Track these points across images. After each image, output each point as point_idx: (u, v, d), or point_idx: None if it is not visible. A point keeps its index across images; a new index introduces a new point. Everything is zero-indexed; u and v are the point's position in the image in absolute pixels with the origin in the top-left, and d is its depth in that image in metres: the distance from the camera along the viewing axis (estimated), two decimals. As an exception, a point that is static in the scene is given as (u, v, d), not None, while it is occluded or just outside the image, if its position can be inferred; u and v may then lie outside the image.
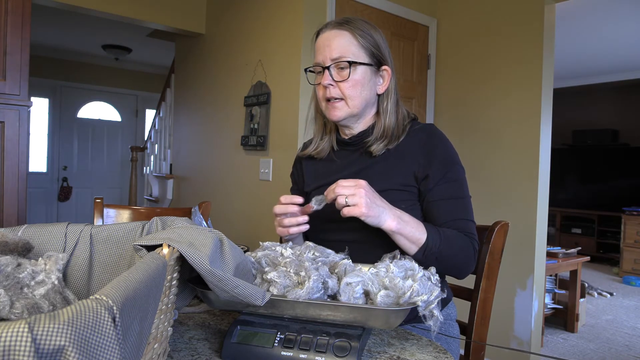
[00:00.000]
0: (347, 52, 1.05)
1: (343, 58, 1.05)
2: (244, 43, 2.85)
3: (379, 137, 1.09)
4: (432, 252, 0.96)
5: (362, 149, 1.12)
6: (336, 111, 1.08)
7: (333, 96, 1.07)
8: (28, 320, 0.33)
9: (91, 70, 6.36)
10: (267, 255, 0.83)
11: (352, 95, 1.07)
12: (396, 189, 1.05)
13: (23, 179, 1.50)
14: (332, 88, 1.07)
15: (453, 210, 1.04)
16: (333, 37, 1.06)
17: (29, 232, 0.71)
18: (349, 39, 1.06)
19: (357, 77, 1.06)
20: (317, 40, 1.10)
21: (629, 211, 5.46)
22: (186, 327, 0.88)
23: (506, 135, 2.59)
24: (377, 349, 0.79)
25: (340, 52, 1.05)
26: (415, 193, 1.07)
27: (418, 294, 0.72)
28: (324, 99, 1.10)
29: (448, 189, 1.04)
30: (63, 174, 6.24)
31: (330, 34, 1.07)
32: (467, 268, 1.03)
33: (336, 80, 1.06)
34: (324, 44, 1.07)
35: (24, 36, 1.49)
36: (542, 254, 2.50)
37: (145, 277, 0.48)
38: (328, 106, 1.09)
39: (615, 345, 3.10)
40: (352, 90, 1.06)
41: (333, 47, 1.05)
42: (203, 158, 3.35)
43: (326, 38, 1.07)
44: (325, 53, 1.06)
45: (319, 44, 1.09)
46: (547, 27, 2.46)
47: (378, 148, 1.08)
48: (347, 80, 1.06)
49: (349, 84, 1.06)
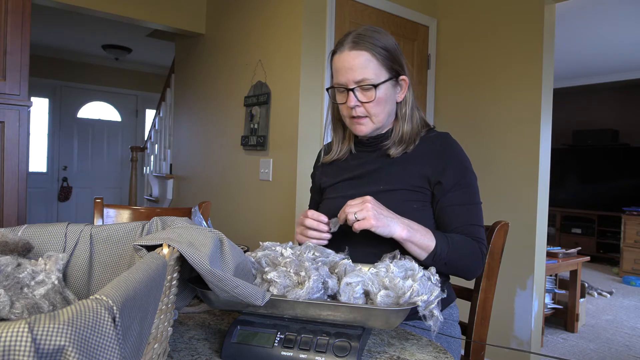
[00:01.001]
0: (370, 74, 1.07)
1: (367, 81, 1.07)
2: (244, 43, 2.85)
3: (397, 142, 1.14)
4: (440, 257, 1.01)
5: (379, 150, 1.17)
6: (362, 127, 1.13)
7: (359, 114, 1.11)
8: (28, 320, 0.33)
9: (91, 70, 6.36)
10: (267, 255, 0.83)
11: (377, 112, 1.11)
12: (408, 189, 1.10)
13: (23, 179, 1.50)
14: (358, 108, 1.10)
15: (465, 216, 1.08)
16: (353, 59, 1.07)
17: (29, 232, 0.71)
18: (368, 58, 1.07)
19: (380, 95, 1.09)
20: (336, 60, 1.11)
21: (629, 211, 5.46)
22: (186, 327, 0.88)
23: (506, 135, 2.59)
24: (377, 349, 0.79)
25: (363, 75, 1.07)
26: (427, 195, 1.11)
27: (418, 294, 0.72)
28: (349, 116, 1.14)
29: (461, 195, 1.09)
30: (63, 174, 6.24)
31: (349, 55, 1.07)
32: (475, 271, 1.08)
33: (361, 101, 1.09)
34: (345, 67, 1.08)
35: (24, 36, 1.49)
36: (542, 254, 2.50)
37: (145, 277, 0.48)
38: (354, 122, 1.14)
39: (615, 345, 3.10)
40: (377, 108, 1.10)
41: (355, 69, 1.07)
42: (203, 158, 3.35)
43: (346, 61, 1.08)
44: (348, 76, 1.08)
45: (339, 65, 1.10)
46: (547, 27, 2.46)
47: (397, 151, 1.13)
48: (373, 101, 1.09)
49: (374, 103, 1.09)
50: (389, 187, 1.11)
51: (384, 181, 1.13)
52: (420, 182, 1.10)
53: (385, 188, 1.11)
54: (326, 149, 1.29)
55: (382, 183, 1.12)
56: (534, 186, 2.46)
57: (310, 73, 2.37)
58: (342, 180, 1.20)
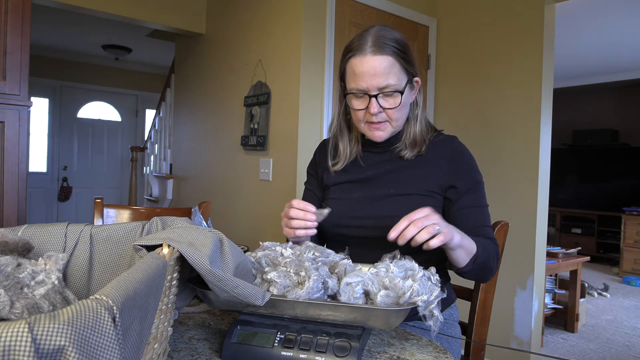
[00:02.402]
0: (394, 79, 1.04)
1: (391, 87, 1.04)
2: (244, 43, 2.85)
3: (409, 144, 1.12)
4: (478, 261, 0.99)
5: (389, 152, 1.15)
6: (381, 133, 1.10)
7: (379, 120, 1.08)
8: (28, 320, 0.33)
9: (91, 70, 6.36)
10: (267, 255, 0.83)
11: (398, 117, 1.09)
12: (421, 194, 1.09)
13: (23, 179, 1.50)
14: (379, 114, 1.07)
15: (477, 218, 1.08)
16: (378, 64, 1.02)
17: (29, 232, 0.71)
18: (391, 63, 1.03)
19: (402, 101, 1.07)
20: (356, 64, 1.04)
21: (629, 211, 5.46)
22: (186, 327, 0.88)
23: (506, 135, 2.59)
24: (377, 349, 0.79)
25: (387, 81, 1.03)
26: (439, 200, 1.10)
27: (418, 294, 0.72)
28: (366, 122, 1.10)
29: (473, 199, 1.09)
30: (63, 174, 6.24)
31: (374, 60, 1.02)
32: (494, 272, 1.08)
33: (384, 108, 1.06)
34: (369, 72, 1.03)
35: (24, 36, 1.49)
36: (542, 254, 2.50)
37: (145, 277, 0.48)
38: (372, 128, 1.09)
39: (615, 345, 3.10)
40: (398, 114, 1.08)
41: (379, 75, 1.03)
42: (203, 158, 3.35)
43: (369, 66, 1.02)
44: (371, 82, 1.03)
45: (360, 70, 1.04)
46: (547, 27, 2.46)
47: (411, 154, 1.11)
48: (396, 107, 1.06)
49: (397, 109, 1.07)
50: (400, 192, 1.09)
51: (394, 185, 1.10)
52: (433, 187, 1.09)
53: (395, 192, 1.09)
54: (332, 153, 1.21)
55: (392, 187, 1.10)
56: (534, 186, 2.46)
57: (310, 73, 2.37)
58: (348, 182, 1.17)
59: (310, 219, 0.98)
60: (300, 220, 0.98)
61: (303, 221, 0.98)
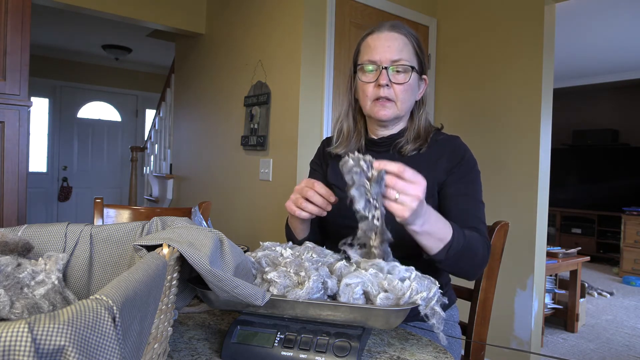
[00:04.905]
0: (407, 56, 1.06)
1: (404, 61, 1.06)
2: (244, 43, 2.85)
3: (411, 139, 1.11)
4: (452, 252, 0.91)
5: (391, 150, 1.14)
6: (386, 110, 1.08)
7: (386, 96, 1.07)
8: (28, 320, 0.33)
9: (91, 70, 6.36)
10: (267, 255, 0.83)
11: (404, 98, 1.08)
12: None
13: (23, 179, 1.50)
14: (387, 89, 1.06)
15: (468, 207, 1.05)
16: (393, 39, 1.06)
17: (29, 232, 0.71)
18: (406, 43, 1.07)
19: (411, 82, 1.07)
20: (372, 39, 1.08)
21: (629, 211, 5.46)
22: (186, 327, 0.88)
23: (506, 135, 2.59)
24: (377, 349, 0.79)
25: (401, 55, 1.06)
26: (437, 199, 1.09)
27: (417, 293, 0.72)
28: (373, 98, 1.09)
29: (464, 187, 1.06)
30: (63, 174, 6.24)
31: (389, 35, 1.07)
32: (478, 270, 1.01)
33: (393, 82, 1.06)
34: (383, 44, 1.06)
35: (24, 36, 1.49)
36: (542, 254, 2.50)
37: (145, 277, 0.48)
38: (377, 104, 1.08)
39: (615, 345, 3.10)
40: (405, 94, 1.08)
41: (394, 48, 1.05)
42: (203, 158, 3.35)
43: (385, 39, 1.06)
44: (385, 54, 1.05)
45: (375, 43, 1.07)
46: (547, 27, 2.46)
47: (411, 148, 1.10)
48: (405, 84, 1.06)
49: (405, 87, 1.07)
50: None
51: None
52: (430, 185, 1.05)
53: None
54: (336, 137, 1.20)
55: None
56: (534, 186, 2.46)
57: (310, 73, 2.37)
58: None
59: (327, 209, 0.97)
60: (315, 207, 0.96)
61: (318, 209, 0.97)
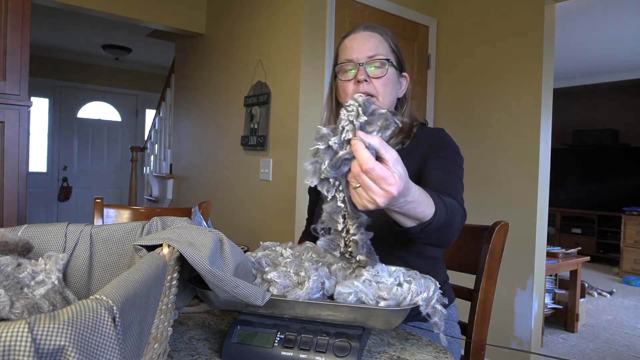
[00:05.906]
0: (383, 52, 1.10)
1: (380, 56, 1.08)
2: (244, 43, 2.84)
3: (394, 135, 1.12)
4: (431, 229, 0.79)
5: None
6: None
7: (367, 92, 1.08)
8: (28, 320, 0.33)
9: (91, 70, 6.36)
10: (267, 255, 0.83)
11: (385, 93, 1.09)
12: None
13: (23, 179, 1.50)
14: (366, 84, 1.08)
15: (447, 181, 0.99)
16: (368, 38, 1.10)
17: (29, 232, 0.71)
18: (381, 40, 1.11)
19: (389, 76, 1.09)
20: (348, 40, 1.12)
21: (629, 211, 5.46)
22: (186, 327, 0.88)
23: (506, 135, 2.59)
24: (377, 349, 0.79)
25: (376, 51, 1.09)
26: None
27: (417, 294, 0.72)
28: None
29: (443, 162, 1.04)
30: (63, 174, 6.24)
31: (363, 34, 1.11)
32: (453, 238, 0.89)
33: (371, 77, 1.08)
34: (359, 43, 1.09)
35: (24, 36, 1.49)
36: (542, 254, 2.50)
37: (145, 277, 0.48)
38: None
39: (615, 345, 3.10)
40: (385, 88, 1.09)
41: (369, 46, 1.09)
42: (203, 158, 3.35)
43: (360, 37, 1.10)
44: (361, 51, 1.08)
45: (351, 43, 1.11)
46: (547, 27, 2.46)
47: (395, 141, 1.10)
48: (383, 77, 1.08)
49: (384, 81, 1.08)
50: None
51: None
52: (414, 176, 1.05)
53: None
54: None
55: None
56: (534, 186, 2.46)
57: (310, 73, 2.37)
58: None
59: None
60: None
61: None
